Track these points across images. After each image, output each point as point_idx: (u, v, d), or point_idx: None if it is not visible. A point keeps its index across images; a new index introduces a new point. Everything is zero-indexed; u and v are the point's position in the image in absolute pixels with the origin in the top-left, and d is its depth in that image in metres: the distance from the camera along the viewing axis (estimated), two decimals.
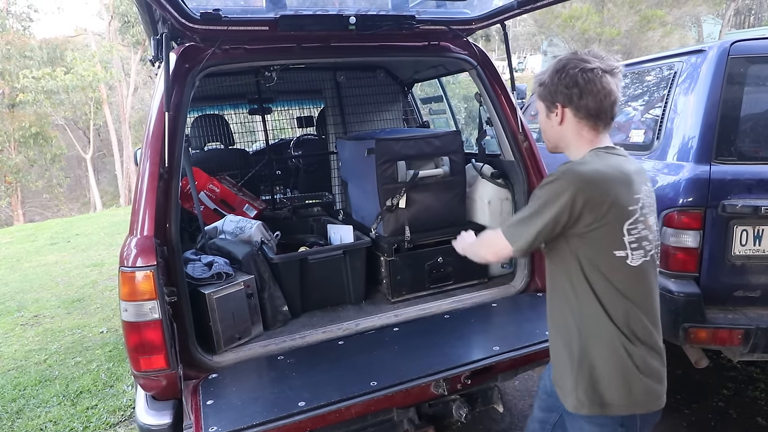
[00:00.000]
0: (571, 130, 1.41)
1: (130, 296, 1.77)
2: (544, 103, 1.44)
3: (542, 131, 1.51)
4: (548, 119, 1.45)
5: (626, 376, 1.32)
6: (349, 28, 2.18)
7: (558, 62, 1.39)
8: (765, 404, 3.00)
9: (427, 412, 1.97)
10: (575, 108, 1.37)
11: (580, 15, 20.71)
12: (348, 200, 3.09)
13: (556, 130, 1.44)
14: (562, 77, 1.36)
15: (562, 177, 1.30)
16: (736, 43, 2.52)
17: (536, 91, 1.47)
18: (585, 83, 1.33)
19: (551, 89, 1.39)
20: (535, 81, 1.46)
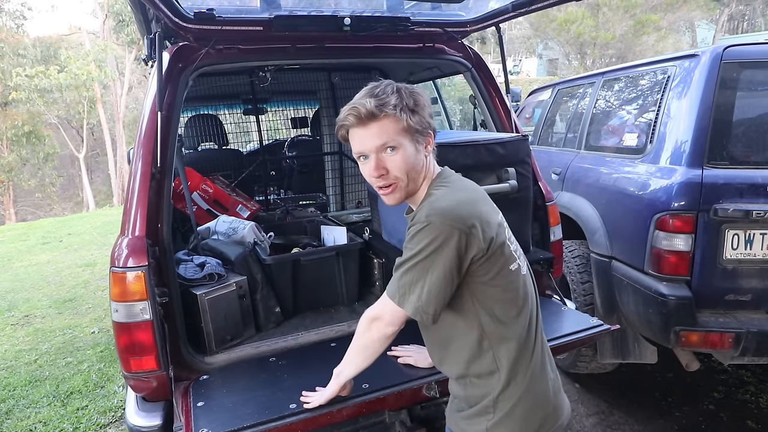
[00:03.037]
0: (430, 160, 1.35)
1: (121, 297, 1.76)
2: (413, 133, 1.25)
3: (403, 170, 1.26)
4: (417, 151, 1.28)
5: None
6: (343, 29, 2.17)
7: (408, 86, 1.28)
8: (755, 407, 3.01)
9: (419, 414, 1.96)
10: (434, 135, 1.33)
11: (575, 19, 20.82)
12: (378, 217, 2.62)
13: (424, 163, 1.31)
14: (428, 102, 1.29)
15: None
16: (729, 48, 2.54)
17: (395, 116, 1.23)
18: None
19: (427, 113, 1.28)
20: (387, 106, 1.23)
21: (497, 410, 1.28)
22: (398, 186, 1.28)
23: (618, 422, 2.92)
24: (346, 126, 1.28)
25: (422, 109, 1.25)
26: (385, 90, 1.24)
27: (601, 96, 3.56)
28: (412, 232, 1.22)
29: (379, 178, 1.27)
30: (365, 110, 1.23)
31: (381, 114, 1.22)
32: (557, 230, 2.52)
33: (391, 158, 1.25)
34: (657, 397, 3.16)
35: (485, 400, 1.29)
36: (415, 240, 1.21)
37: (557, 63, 30.96)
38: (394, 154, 1.24)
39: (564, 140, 3.89)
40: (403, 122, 1.22)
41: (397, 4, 2.41)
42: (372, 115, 1.22)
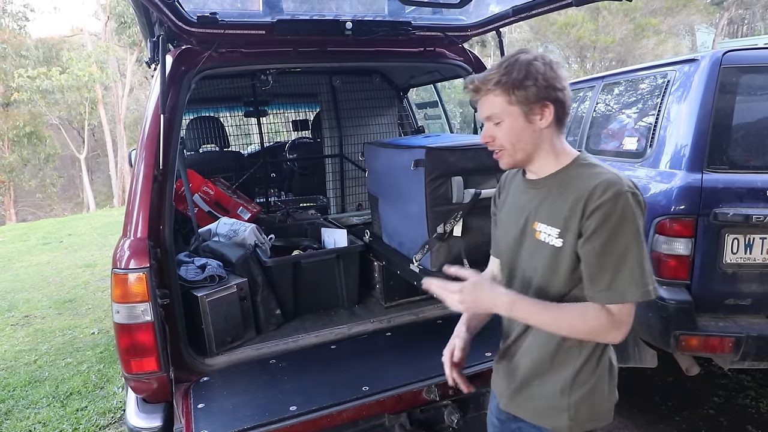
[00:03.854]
0: (552, 133, 1.28)
1: (123, 298, 1.77)
2: (521, 105, 1.23)
3: (509, 140, 1.28)
4: (527, 123, 1.25)
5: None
6: (345, 33, 2.19)
7: (529, 57, 1.23)
8: (755, 412, 3.01)
9: (418, 417, 1.96)
10: (561, 106, 1.25)
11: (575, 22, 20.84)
12: (378, 220, 2.62)
13: (537, 135, 1.27)
14: (549, 71, 1.22)
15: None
16: (729, 53, 2.55)
17: (498, 90, 1.24)
18: (566, 79, 1.25)
19: (539, 85, 1.21)
20: (490, 81, 1.24)
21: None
22: (505, 153, 1.31)
23: (618, 427, 2.92)
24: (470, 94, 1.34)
25: (533, 83, 1.21)
26: (501, 64, 1.25)
27: (601, 100, 3.57)
28: (603, 213, 1.15)
29: (487, 144, 1.33)
30: (473, 85, 1.29)
31: (485, 88, 1.27)
32: None
33: (498, 129, 1.28)
34: (657, 401, 3.16)
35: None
36: (614, 218, 1.15)
37: None
38: (500, 126, 1.28)
39: None
40: (507, 97, 1.24)
41: (399, 9, 2.42)
42: (478, 89, 1.28)
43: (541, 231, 1.27)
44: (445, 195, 2.07)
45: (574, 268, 1.23)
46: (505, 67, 1.24)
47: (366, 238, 2.66)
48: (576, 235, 1.20)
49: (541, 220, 1.28)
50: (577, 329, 1.21)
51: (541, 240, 1.27)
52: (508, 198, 1.45)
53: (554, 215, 1.25)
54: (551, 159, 1.30)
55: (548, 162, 1.30)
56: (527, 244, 1.33)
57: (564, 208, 1.22)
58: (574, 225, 1.20)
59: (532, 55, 1.25)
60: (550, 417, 1.33)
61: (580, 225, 1.19)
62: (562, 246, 1.22)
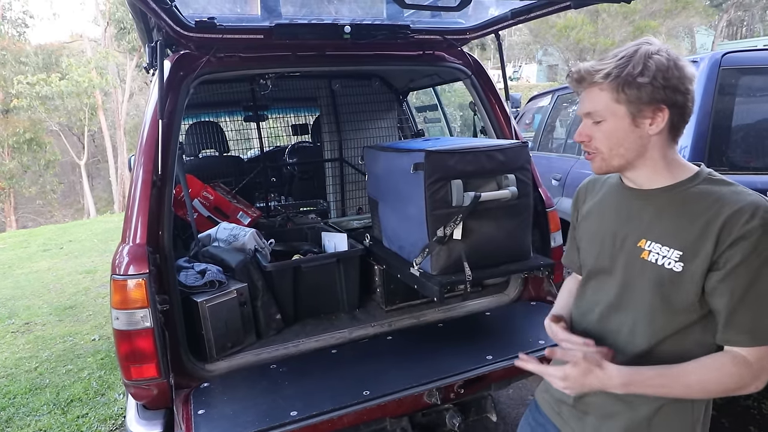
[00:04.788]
0: (663, 141, 1.10)
1: (122, 304, 1.76)
2: (629, 105, 1.06)
3: (607, 143, 1.11)
4: (634, 126, 1.08)
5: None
6: (344, 37, 2.19)
7: (651, 49, 1.05)
8: (758, 413, 3.00)
9: (420, 421, 1.96)
10: (680, 112, 1.07)
11: (574, 25, 20.90)
12: (378, 224, 2.61)
13: (643, 142, 1.09)
14: (673, 69, 1.03)
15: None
16: (728, 55, 2.55)
17: (605, 84, 1.08)
18: (694, 81, 1.06)
19: (657, 84, 1.03)
20: (598, 72, 1.07)
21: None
22: (598, 156, 1.14)
23: None
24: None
25: (650, 81, 1.03)
26: (617, 54, 1.08)
27: None
28: (751, 243, 0.98)
29: (582, 144, 1.17)
30: (576, 73, 1.12)
31: (590, 80, 1.09)
32: (557, 236, 2.52)
33: (596, 128, 1.12)
34: None
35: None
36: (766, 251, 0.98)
37: (557, 69, 31.07)
38: (600, 126, 1.11)
39: (564, 146, 3.90)
40: (615, 94, 1.06)
41: (397, 12, 2.42)
42: (582, 79, 1.11)
43: (652, 251, 1.09)
44: (444, 198, 2.04)
45: (689, 306, 1.06)
46: (620, 58, 1.06)
47: (366, 241, 2.65)
48: (706, 264, 1.01)
49: (653, 238, 1.10)
50: (712, 388, 1.04)
51: (650, 261, 1.09)
52: (597, 206, 1.26)
53: (674, 235, 1.06)
54: (660, 170, 1.11)
55: (656, 173, 1.12)
56: (628, 263, 1.14)
57: (690, 229, 1.04)
58: (705, 252, 1.01)
59: (656, 47, 1.05)
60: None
61: (716, 254, 1.00)
62: (681, 272, 1.04)
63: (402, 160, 2.19)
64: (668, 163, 1.11)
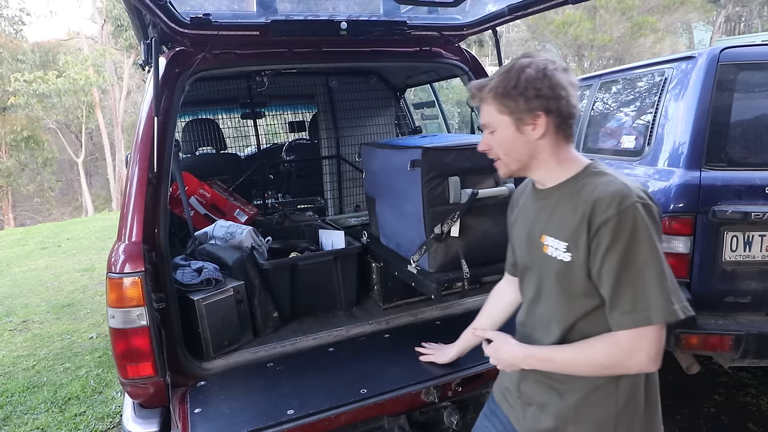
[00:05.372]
0: (550, 144, 1.21)
1: (118, 303, 1.75)
2: (511, 115, 1.19)
3: (502, 150, 1.25)
4: (519, 134, 1.20)
5: None
6: (340, 33, 2.17)
7: (524, 63, 1.19)
8: (756, 410, 3.00)
9: (418, 419, 1.95)
10: (559, 116, 1.19)
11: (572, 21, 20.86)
12: (376, 221, 2.61)
13: (531, 146, 1.21)
14: (542, 79, 1.16)
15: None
16: (726, 50, 2.54)
17: (486, 100, 1.23)
18: (569, 86, 1.18)
19: (528, 95, 1.16)
20: (484, 89, 1.23)
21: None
22: (500, 162, 1.29)
23: None
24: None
25: (526, 91, 1.16)
26: (500, 70, 1.23)
27: (599, 98, 3.56)
28: (611, 228, 1.07)
29: (486, 153, 1.30)
30: (470, 91, 1.28)
31: (479, 96, 1.25)
32: None
33: (492, 138, 1.26)
34: None
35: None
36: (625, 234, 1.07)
37: None
38: (494, 135, 1.25)
39: None
40: (497, 106, 1.21)
41: (394, 8, 2.40)
42: (474, 95, 1.27)
43: (549, 245, 1.20)
44: (442, 195, 2.05)
45: (586, 291, 1.15)
46: (500, 74, 1.21)
47: (364, 239, 2.64)
48: (585, 251, 1.12)
49: (548, 232, 1.22)
50: (587, 363, 1.15)
51: (548, 254, 1.21)
52: (520, 211, 1.39)
53: (562, 228, 1.18)
54: (553, 169, 1.23)
55: (549, 172, 1.24)
56: (539, 259, 1.25)
57: (571, 220, 1.15)
58: (582, 241, 1.12)
59: (529, 60, 1.19)
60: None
61: (589, 241, 1.11)
62: (570, 261, 1.15)
63: (399, 157, 2.19)
64: (560, 162, 1.23)
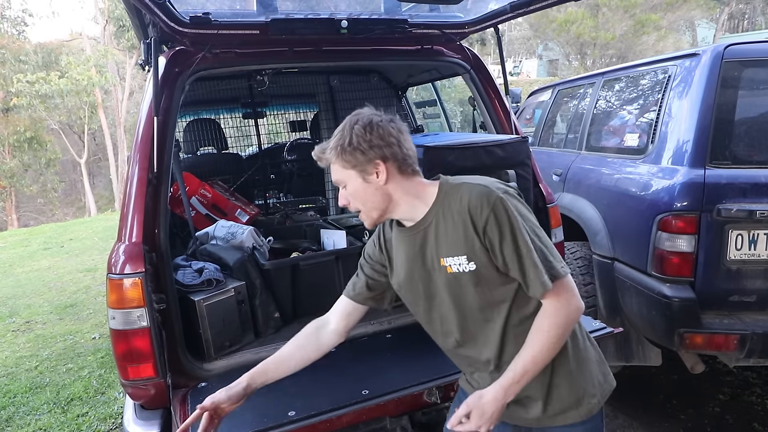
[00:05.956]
0: (399, 184, 1.29)
1: (118, 304, 1.74)
2: (354, 168, 1.27)
3: (358, 202, 1.31)
4: (367, 183, 1.27)
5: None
6: (341, 32, 2.16)
7: (353, 121, 1.28)
8: (761, 409, 2.98)
9: (420, 420, 1.94)
10: (395, 160, 1.27)
11: (575, 19, 20.82)
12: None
13: (382, 191, 1.28)
14: (370, 132, 1.25)
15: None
16: (730, 47, 2.51)
17: (330, 159, 1.30)
18: (397, 132, 1.28)
19: (363, 147, 1.24)
20: (326, 151, 1.30)
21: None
22: (362, 214, 1.33)
23: (622, 425, 2.89)
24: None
25: (359, 145, 1.24)
26: (337, 131, 1.30)
27: (602, 96, 3.54)
28: (493, 225, 1.19)
29: (347, 207, 1.34)
30: (315, 155, 1.34)
31: (325, 157, 1.31)
32: (558, 232, 2.50)
33: (347, 193, 1.32)
34: (661, 399, 3.13)
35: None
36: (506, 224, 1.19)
37: (557, 64, 30.96)
38: (347, 190, 1.31)
39: (565, 141, 3.87)
40: (341, 162, 1.28)
41: (395, 6, 2.39)
42: (320, 158, 1.33)
43: (451, 264, 1.26)
44: None
45: (501, 282, 1.24)
46: (337, 134, 1.28)
47: (365, 239, 2.63)
48: (484, 252, 1.21)
49: (444, 254, 1.27)
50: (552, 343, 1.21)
51: (456, 272, 1.26)
52: (396, 256, 1.41)
53: (454, 244, 1.24)
54: (415, 202, 1.30)
55: (414, 206, 1.31)
56: (447, 283, 1.29)
57: (459, 234, 1.23)
58: (477, 245, 1.21)
59: (356, 117, 1.28)
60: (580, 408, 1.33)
61: (482, 243, 1.21)
62: (476, 268, 1.23)
63: None
64: (416, 195, 1.30)
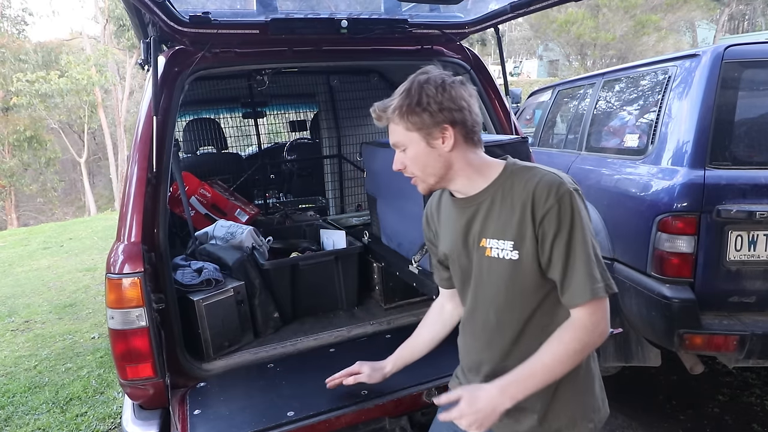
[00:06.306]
0: (462, 153, 1.23)
1: (117, 303, 1.74)
2: (420, 131, 1.20)
3: (417, 167, 1.26)
4: (431, 148, 1.22)
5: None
6: (341, 31, 2.16)
7: (422, 80, 1.20)
8: (760, 410, 2.98)
9: (419, 420, 1.94)
10: (464, 126, 1.21)
11: (575, 20, 20.83)
12: (377, 221, 2.62)
13: (444, 158, 1.23)
14: (442, 93, 1.18)
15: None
16: (730, 48, 2.51)
17: (393, 119, 1.23)
18: (469, 96, 1.21)
19: (431, 110, 1.17)
20: (388, 109, 1.23)
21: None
22: (417, 179, 1.29)
23: (622, 426, 2.89)
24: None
25: (429, 106, 1.17)
26: (401, 89, 1.23)
27: (602, 97, 3.54)
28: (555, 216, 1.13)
29: (402, 171, 1.30)
30: (374, 113, 1.28)
31: (385, 117, 1.25)
32: None
33: (405, 156, 1.26)
34: (661, 400, 3.13)
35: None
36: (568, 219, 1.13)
37: (558, 64, 30.97)
38: (407, 153, 1.26)
39: (565, 141, 3.87)
40: (405, 123, 1.21)
41: (395, 6, 2.39)
42: (379, 117, 1.27)
43: (492, 247, 1.22)
44: None
45: (538, 283, 1.19)
46: (402, 92, 1.21)
47: (365, 239, 2.63)
48: (533, 243, 1.16)
49: (488, 236, 1.22)
50: (566, 357, 1.15)
51: (494, 257, 1.21)
52: (444, 226, 1.38)
53: (503, 228, 1.20)
54: (473, 176, 1.25)
55: (471, 180, 1.26)
56: (480, 264, 1.26)
57: (513, 218, 1.18)
58: (529, 234, 1.16)
59: (427, 76, 1.20)
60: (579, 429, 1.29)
61: (535, 233, 1.15)
62: (519, 258, 1.18)
63: None
64: (477, 169, 1.25)
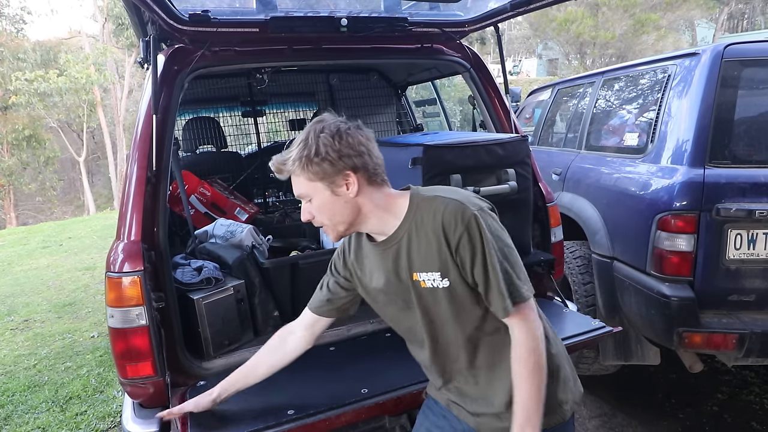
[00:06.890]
0: (368, 196, 1.23)
1: (117, 302, 1.74)
2: (322, 181, 1.19)
3: (324, 216, 1.24)
4: (336, 196, 1.21)
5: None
6: (340, 30, 2.15)
7: (318, 129, 1.19)
8: (759, 408, 2.99)
9: None
10: (366, 170, 1.21)
11: (575, 18, 20.82)
12: None
13: (351, 204, 1.22)
14: (339, 141, 1.17)
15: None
16: (730, 46, 2.51)
17: (293, 172, 1.21)
18: (366, 140, 1.22)
19: (330, 159, 1.17)
20: (288, 162, 1.21)
21: None
22: (327, 228, 1.27)
23: (621, 424, 2.90)
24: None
25: (328, 155, 1.17)
26: (298, 140, 1.21)
27: (602, 96, 3.54)
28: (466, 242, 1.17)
29: (311, 222, 1.28)
30: (274, 166, 1.25)
31: (285, 169, 1.23)
32: (558, 231, 2.49)
33: (312, 206, 1.25)
34: (660, 398, 3.13)
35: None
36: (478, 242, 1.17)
37: (557, 63, 30.96)
38: (313, 204, 1.24)
39: (564, 140, 3.87)
40: (307, 174, 1.20)
41: (395, 5, 2.39)
42: (279, 170, 1.24)
43: (425, 279, 1.23)
44: None
45: (475, 298, 1.22)
46: (299, 144, 1.20)
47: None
48: (456, 269, 1.19)
49: (417, 269, 1.24)
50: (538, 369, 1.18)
51: (429, 287, 1.24)
52: (369, 266, 1.37)
53: (426, 260, 1.22)
54: (385, 216, 1.25)
55: (384, 219, 1.25)
56: (420, 295, 1.27)
57: (432, 249, 1.20)
58: (449, 262, 1.19)
59: (322, 125, 1.20)
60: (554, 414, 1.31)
61: (455, 260, 1.19)
62: (450, 284, 1.21)
63: (400, 155, 2.18)
64: (386, 208, 1.25)
